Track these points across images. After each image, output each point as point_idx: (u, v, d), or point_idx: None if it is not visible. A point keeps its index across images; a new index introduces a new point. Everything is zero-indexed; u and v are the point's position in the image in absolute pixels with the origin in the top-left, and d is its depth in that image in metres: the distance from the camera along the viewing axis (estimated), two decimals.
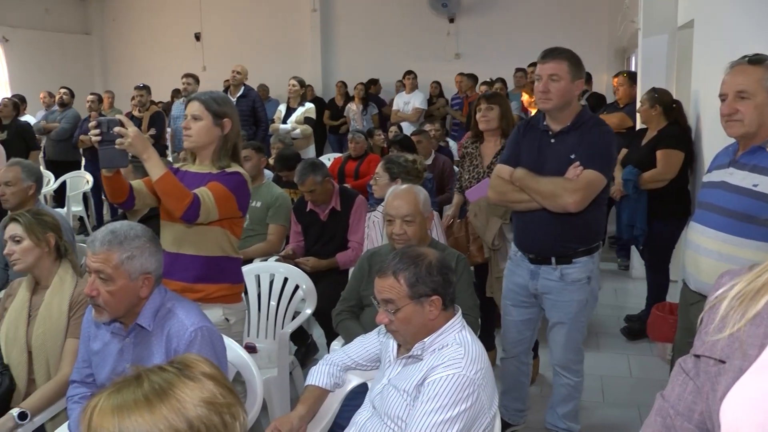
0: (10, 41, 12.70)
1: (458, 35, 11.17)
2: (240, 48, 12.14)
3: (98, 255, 2.14)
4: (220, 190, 2.70)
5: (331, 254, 4.27)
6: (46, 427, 2.63)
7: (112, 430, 1.10)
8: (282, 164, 5.35)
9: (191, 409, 1.14)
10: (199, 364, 1.23)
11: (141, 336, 2.26)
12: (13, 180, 3.80)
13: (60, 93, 8.65)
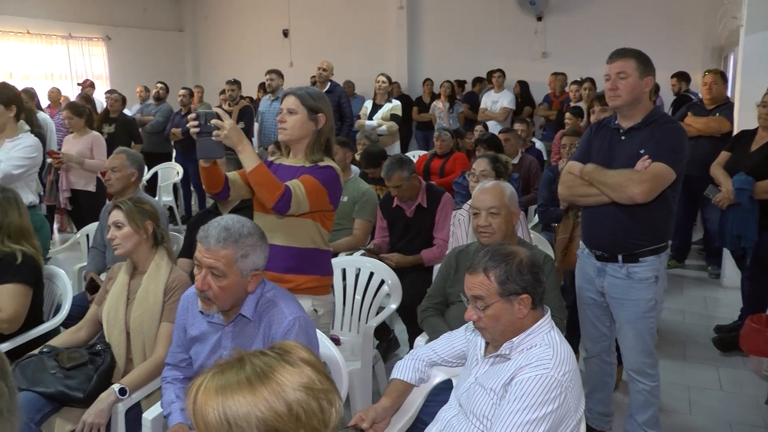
0: (112, 39, 13.30)
1: (546, 33, 10.96)
2: (326, 44, 12.29)
3: (212, 252, 2.18)
4: (312, 183, 2.74)
5: (415, 251, 4.28)
6: (141, 404, 2.73)
7: (216, 408, 1.14)
8: (368, 161, 5.39)
9: (291, 393, 1.17)
10: (298, 350, 1.26)
11: (240, 325, 2.33)
12: (118, 166, 4.05)
13: (156, 87, 9.00)
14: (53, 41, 12.57)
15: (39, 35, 12.26)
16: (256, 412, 1.14)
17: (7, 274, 3.11)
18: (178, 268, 2.96)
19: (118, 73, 13.29)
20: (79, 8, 12.83)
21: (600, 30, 10.04)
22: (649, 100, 3.02)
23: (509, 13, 11.10)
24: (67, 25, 12.67)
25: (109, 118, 7.92)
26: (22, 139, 4.04)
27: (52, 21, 12.38)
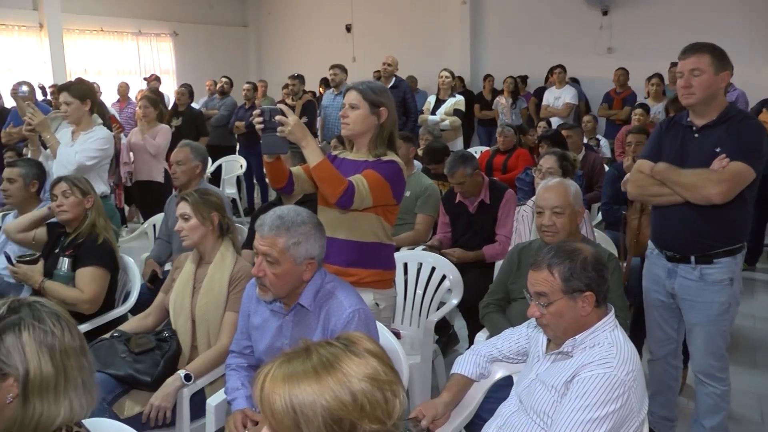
0: (179, 35, 13.62)
1: (611, 28, 10.69)
2: (389, 40, 12.30)
3: (266, 239, 2.23)
4: (375, 178, 2.74)
5: (477, 246, 4.25)
6: (205, 390, 2.80)
7: (283, 396, 1.16)
8: (430, 157, 5.38)
9: (356, 383, 1.18)
10: (363, 341, 1.27)
11: (300, 315, 2.36)
12: (183, 159, 4.15)
13: (221, 82, 9.16)
14: (124, 38, 12.96)
15: (111, 32, 12.67)
16: (322, 401, 1.16)
17: (89, 257, 3.32)
18: (242, 258, 3.01)
19: (184, 67, 13.61)
20: (148, 6, 13.20)
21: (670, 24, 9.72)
22: (723, 95, 2.91)
23: (574, 7, 10.88)
24: (138, 23, 13.04)
25: (177, 112, 8.10)
26: (95, 132, 4.19)
27: (123, 19, 12.75)
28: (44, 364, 1.54)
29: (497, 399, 2.44)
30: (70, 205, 3.43)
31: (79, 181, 3.50)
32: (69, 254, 3.38)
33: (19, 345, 1.52)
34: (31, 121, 4.19)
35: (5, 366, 1.52)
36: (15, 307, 1.57)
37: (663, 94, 7.88)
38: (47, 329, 1.56)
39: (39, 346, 1.54)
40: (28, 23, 11.35)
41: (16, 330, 1.53)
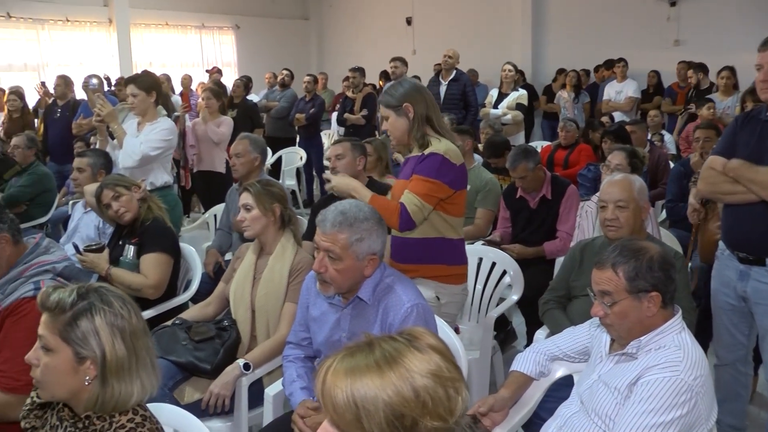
0: (241, 28, 13.81)
1: (679, 20, 10.34)
2: (449, 32, 12.20)
3: (328, 235, 2.22)
4: (421, 184, 2.76)
5: (538, 242, 4.19)
6: (263, 380, 2.82)
7: (344, 389, 1.15)
8: (491, 151, 5.32)
9: (418, 379, 1.16)
10: (426, 337, 1.26)
11: (359, 308, 2.35)
12: (242, 152, 4.19)
13: (282, 74, 9.24)
14: (188, 31, 13.19)
15: (176, 26, 12.92)
16: (384, 396, 1.14)
17: (153, 244, 3.40)
18: (303, 250, 3.03)
19: (245, 60, 13.78)
20: (211, 0, 13.40)
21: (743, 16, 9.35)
22: None
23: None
24: (200, 16, 13.26)
25: (232, 104, 8.20)
26: (159, 123, 4.27)
27: (187, 12, 12.99)
28: (118, 346, 1.61)
29: (557, 398, 2.40)
30: (126, 203, 3.47)
31: (117, 180, 3.56)
32: (134, 242, 3.45)
33: (93, 329, 1.59)
34: (100, 112, 4.29)
35: (82, 350, 1.59)
36: (83, 293, 1.63)
37: (734, 88, 7.61)
38: (116, 312, 1.63)
39: (111, 329, 1.61)
40: (99, 19, 11.68)
41: (89, 315, 1.60)
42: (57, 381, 1.61)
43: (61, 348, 1.59)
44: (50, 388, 1.63)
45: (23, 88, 8.98)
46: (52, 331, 1.60)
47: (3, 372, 2.19)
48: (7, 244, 2.36)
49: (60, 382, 1.61)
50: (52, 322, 1.60)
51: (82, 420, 1.66)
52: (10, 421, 2.20)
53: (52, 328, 1.60)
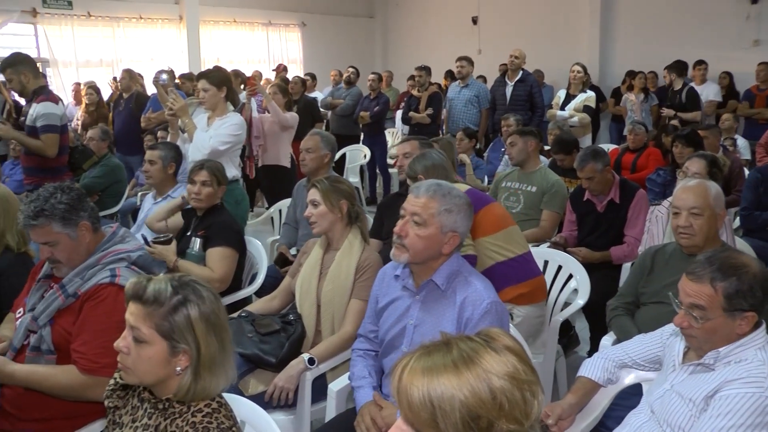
0: (307, 25, 13.96)
1: (760, 19, 9.86)
2: (515, 32, 12.07)
3: (419, 199, 2.27)
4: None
5: (604, 247, 4.10)
6: (327, 375, 2.84)
7: (421, 388, 1.15)
8: (559, 147, 5.24)
9: (495, 381, 1.16)
10: (503, 338, 1.25)
11: (431, 295, 2.34)
12: (313, 147, 4.24)
13: (348, 72, 9.31)
14: (255, 28, 13.39)
15: (243, 23, 13.14)
16: (460, 396, 1.14)
17: (219, 238, 3.46)
18: (370, 247, 3.03)
19: (311, 57, 13.92)
20: None
21: None
22: None
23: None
24: (268, 13, 13.44)
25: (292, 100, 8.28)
26: (229, 118, 4.34)
27: (254, 10, 13.18)
28: (210, 340, 1.65)
29: (625, 407, 2.34)
30: (206, 196, 3.56)
31: (219, 171, 3.63)
32: (201, 235, 3.52)
33: (189, 323, 1.62)
34: (173, 106, 4.39)
35: (178, 344, 1.62)
36: (177, 286, 1.66)
37: None
38: (209, 306, 1.66)
39: (205, 324, 1.64)
40: (170, 16, 12.00)
41: (185, 309, 1.63)
42: (148, 370, 1.65)
43: (156, 341, 1.63)
44: (140, 375, 1.66)
45: (98, 83, 9.28)
46: (148, 324, 1.63)
47: (82, 354, 2.26)
48: (88, 231, 2.43)
49: (150, 372, 1.65)
50: (147, 315, 1.63)
51: (163, 402, 1.70)
52: (87, 400, 2.28)
53: (147, 321, 1.63)
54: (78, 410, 2.34)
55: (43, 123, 4.57)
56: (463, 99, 7.85)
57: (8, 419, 2.37)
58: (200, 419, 1.63)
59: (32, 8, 10.46)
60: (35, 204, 2.36)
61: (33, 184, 4.74)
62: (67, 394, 2.28)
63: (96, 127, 6.75)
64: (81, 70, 10.96)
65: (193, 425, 1.62)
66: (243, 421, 2.02)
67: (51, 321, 2.36)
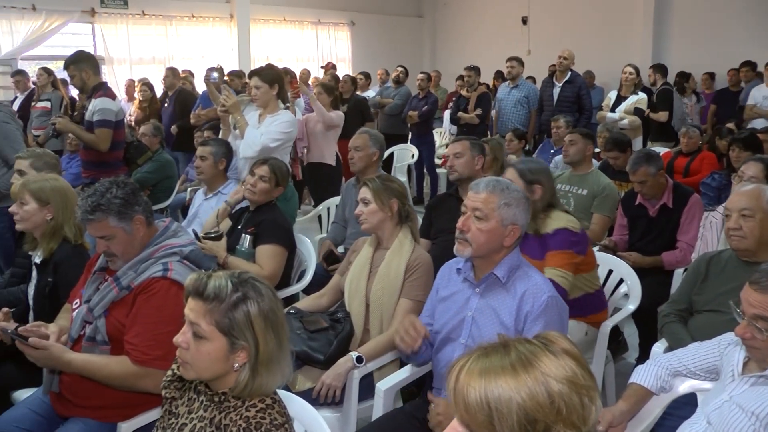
0: (356, 24, 14.01)
1: None
2: (566, 32, 11.92)
3: (480, 195, 2.34)
4: (559, 258, 3.07)
5: (655, 252, 4.02)
6: (374, 374, 2.84)
7: (478, 389, 1.15)
8: (613, 144, 5.14)
9: (554, 385, 1.15)
10: (561, 341, 1.24)
11: (491, 288, 2.37)
12: (361, 145, 4.26)
13: (397, 71, 9.30)
14: (304, 26, 13.48)
15: (293, 21, 13.24)
16: (518, 398, 1.13)
17: (269, 235, 3.49)
18: (420, 247, 3.02)
19: (359, 56, 13.96)
20: None
21: None
22: None
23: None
24: (317, 12, 13.53)
25: (342, 99, 8.32)
26: (280, 115, 4.37)
27: (304, 8, 13.28)
28: (269, 338, 1.66)
29: (678, 417, 2.29)
30: (260, 190, 3.60)
31: (280, 169, 3.67)
32: (250, 231, 3.55)
33: (249, 320, 1.64)
34: (225, 102, 4.44)
35: (237, 341, 1.64)
36: (237, 283, 1.67)
37: None
38: (268, 303, 1.67)
39: (264, 321, 1.66)
40: (221, 14, 12.16)
41: (245, 306, 1.64)
42: (206, 366, 1.67)
43: (216, 337, 1.64)
44: (198, 370, 1.68)
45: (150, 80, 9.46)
46: (208, 320, 1.64)
47: (134, 346, 2.30)
48: (142, 225, 2.48)
49: (209, 367, 1.67)
50: (208, 311, 1.65)
51: (219, 395, 1.72)
52: (138, 390, 2.33)
53: (207, 318, 1.64)
54: (130, 400, 2.38)
55: (98, 118, 4.69)
56: (513, 100, 7.79)
57: (65, 404, 2.45)
58: (254, 414, 1.65)
59: (91, 8, 10.72)
60: (92, 199, 2.40)
61: (90, 178, 4.90)
62: (120, 384, 2.32)
63: (148, 123, 6.90)
64: (134, 67, 11.17)
65: (246, 419, 1.64)
66: (292, 417, 2.02)
67: (105, 312, 2.41)
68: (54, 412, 2.50)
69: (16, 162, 3.78)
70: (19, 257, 3.42)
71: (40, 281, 2.97)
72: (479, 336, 2.34)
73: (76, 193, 3.04)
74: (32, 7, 10.08)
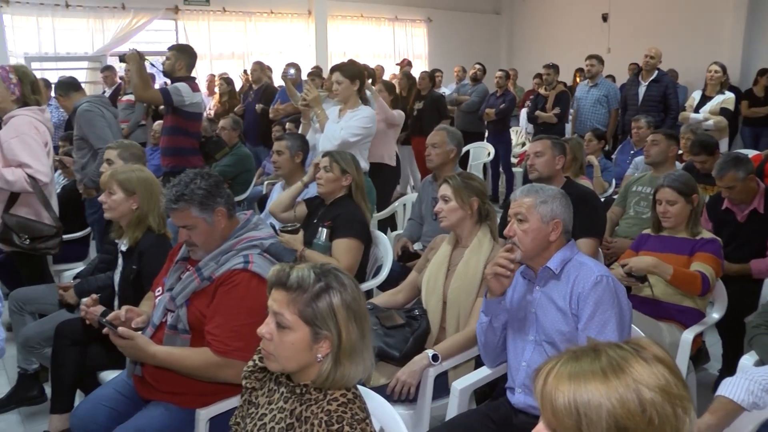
0: (433, 21, 14.00)
1: None
2: (648, 30, 11.58)
3: (517, 201, 2.45)
4: (713, 261, 3.30)
5: (743, 259, 3.85)
6: (449, 373, 2.82)
7: (567, 394, 1.12)
8: (701, 147, 4.96)
9: (646, 393, 1.10)
10: (653, 347, 1.19)
11: (547, 281, 2.43)
12: (439, 142, 4.24)
13: (474, 69, 9.23)
14: (381, 23, 13.55)
15: (370, 18, 13.33)
16: (608, 404, 1.09)
17: (345, 229, 3.52)
18: (499, 246, 2.98)
19: (436, 53, 13.94)
20: None
21: None
22: None
23: None
24: (394, 8, 13.56)
25: (420, 96, 8.29)
26: (360, 111, 4.39)
27: (381, 5, 13.34)
28: (352, 328, 1.66)
29: None
30: (327, 180, 3.63)
31: (342, 158, 3.68)
32: (327, 225, 3.57)
33: (332, 310, 1.64)
34: (306, 96, 4.49)
35: (320, 330, 1.65)
36: (319, 273, 1.68)
37: None
38: (350, 294, 1.67)
39: (347, 311, 1.66)
40: (299, 11, 12.35)
41: (328, 296, 1.65)
42: (290, 356, 1.67)
43: (299, 327, 1.65)
44: (282, 361, 1.69)
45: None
46: (291, 310, 1.65)
47: (215, 336, 2.34)
48: (223, 217, 2.52)
49: (293, 358, 1.67)
50: (291, 301, 1.65)
51: (300, 387, 1.73)
52: (218, 380, 2.38)
53: (291, 307, 1.65)
54: (208, 388, 2.44)
55: (167, 88, 5.01)
56: (592, 99, 7.62)
57: (147, 388, 2.52)
58: (335, 408, 1.65)
59: (175, 5, 11.08)
60: (176, 189, 2.46)
61: (169, 166, 5.12)
62: (201, 374, 2.37)
63: (228, 117, 7.04)
64: (214, 62, 11.47)
65: (328, 413, 1.64)
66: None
67: (187, 302, 2.46)
68: (137, 395, 2.58)
69: (106, 152, 3.91)
70: (107, 244, 3.54)
71: (125, 268, 3.07)
72: (544, 329, 2.40)
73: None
74: (122, 6, 10.50)
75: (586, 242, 3.49)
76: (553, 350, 2.35)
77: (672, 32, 11.41)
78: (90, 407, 2.57)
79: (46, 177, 3.85)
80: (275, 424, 1.74)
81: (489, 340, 2.54)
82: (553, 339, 2.36)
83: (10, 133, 3.80)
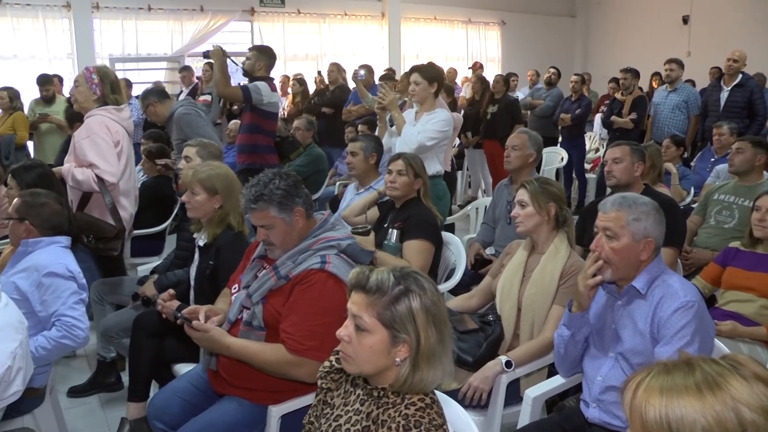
0: (507, 24, 13.88)
1: None
2: (731, 31, 11.20)
3: (607, 214, 2.31)
4: None
5: None
6: (521, 381, 2.78)
7: (658, 408, 1.09)
8: None
9: (746, 413, 1.06)
10: (752, 365, 1.14)
11: (632, 300, 2.32)
12: (519, 145, 4.20)
13: (549, 72, 9.11)
14: (454, 25, 13.54)
15: (443, 20, 13.32)
16: (703, 421, 1.06)
17: (416, 231, 3.51)
18: (575, 253, 2.93)
19: (509, 56, 13.84)
20: None
21: None
22: None
23: None
24: (468, 11, 13.53)
25: (494, 99, 8.22)
26: (437, 114, 4.36)
27: (454, 7, 13.31)
28: (431, 332, 1.65)
29: None
30: (401, 184, 3.64)
31: (416, 162, 3.69)
32: (398, 226, 3.58)
33: (411, 313, 1.63)
34: (383, 99, 4.50)
35: (399, 334, 1.64)
36: (399, 276, 1.67)
37: None
38: (430, 298, 1.66)
39: (426, 315, 1.65)
40: (373, 13, 12.46)
41: (407, 300, 1.64)
42: (368, 359, 1.67)
43: (378, 330, 1.65)
44: (360, 364, 1.69)
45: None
46: (370, 313, 1.65)
47: (290, 335, 2.36)
48: (301, 217, 2.54)
49: (371, 361, 1.67)
50: (370, 304, 1.65)
51: (378, 390, 1.72)
52: (290, 378, 2.40)
53: (370, 310, 1.65)
54: (281, 386, 2.46)
55: (247, 85, 5.14)
56: (671, 104, 7.38)
57: (221, 383, 2.57)
58: (413, 412, 1.64)
59: (251, 8, 11.34)
60: (256, 188, 2.49)
61: (245, 163, 5.24)
62: (274, 371, 2.40)
63: (302, 118, 7.13)
64: (288, 63, 11.65)
65: (405, 417, 1.63)
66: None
67: (263, 299, 2.49)
68: (211, 388, 2.63)
69: (185, 149, 3.99)
70: (183, 240, 3.62)
71: (201, 263, 3.13)
72: (623, 346, 2.31)
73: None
74: (200, 8, 10.80)
75: (665, 252, 3.37)
76: (629, 368, 2.28)
77: (757, 35, 11.01)
78: (165, 398, 2.65)
79: (113, 177, 3.88)
80: (350, 426, 1.74)
81: (570, 353, 2.48)
82: (629, 357, 2.29)
83: (82, 134, 3.91)
